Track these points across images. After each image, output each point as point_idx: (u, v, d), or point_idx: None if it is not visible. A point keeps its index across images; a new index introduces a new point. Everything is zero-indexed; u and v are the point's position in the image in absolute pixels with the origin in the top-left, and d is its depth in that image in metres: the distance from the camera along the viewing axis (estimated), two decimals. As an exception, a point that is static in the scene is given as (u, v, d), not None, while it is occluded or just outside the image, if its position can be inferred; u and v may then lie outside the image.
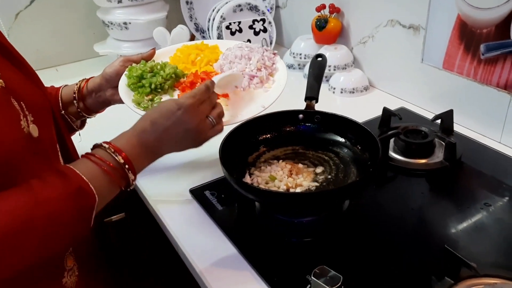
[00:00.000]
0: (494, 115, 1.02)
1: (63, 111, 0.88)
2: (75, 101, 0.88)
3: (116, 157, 0.63)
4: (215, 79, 0.78)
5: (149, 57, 0.94)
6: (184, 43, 1.06)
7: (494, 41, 0.97)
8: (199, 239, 0.79)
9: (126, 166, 0.63)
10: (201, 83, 0.88)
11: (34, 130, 0.63)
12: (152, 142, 0.68)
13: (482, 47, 1.00)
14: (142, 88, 0.88)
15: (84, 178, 0.58)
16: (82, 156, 0.63)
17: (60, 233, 0.56)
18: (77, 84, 0.90)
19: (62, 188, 0.56)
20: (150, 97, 0.88)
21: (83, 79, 0.91)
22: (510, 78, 0.96)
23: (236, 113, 0.86)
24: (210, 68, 0.97)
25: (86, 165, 0.61)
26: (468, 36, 1.02)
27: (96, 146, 0.65)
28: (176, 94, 0.91)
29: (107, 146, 0.63)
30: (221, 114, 0.76)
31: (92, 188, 0.58)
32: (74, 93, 0.88)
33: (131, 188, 0.66)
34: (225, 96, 0.88)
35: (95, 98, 0.90)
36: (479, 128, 1.06)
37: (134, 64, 0.91)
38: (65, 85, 0.91)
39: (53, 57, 1.58)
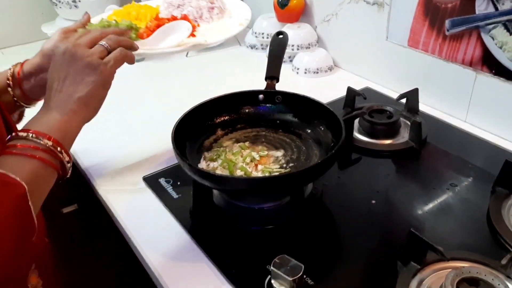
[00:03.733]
0: (459, 93, 1.00)
1: None
2: (9, 88, 0.78)
3: (37, 139, 0.59)
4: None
5: (87, 22, 0.84)
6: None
7: (459, 16, 0.94)
8: (152, 230, 0.74)
9: (43, 138, 0.60)
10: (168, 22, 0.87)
11: None
12: (62, 100, 0.65)
13: (447, 23, 0.97)
14: None
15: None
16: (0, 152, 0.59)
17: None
18: (10, 69, 0.79)
19: None
20: None
21: (17, 63, 0.80)
22: (475, 54, 0.94)
23: (219, 34, 0.86)
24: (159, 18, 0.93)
25: (5, 159, 0.57)
26: (433, 11, 0.99)
27: (12, 139, 0.60)
28: None
29: (26, 134, 0.60)
30: (113, 37, 0.70)
31: (13, 176, 0.53)
32: (8, 79, 0.78)
33: (69, 163, 0.62)
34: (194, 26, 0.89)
35: (36, 81, 0.79)
36: (444, 107, 1.04)
37: (87, 26, 0.82)
38: None
39: (-2, 39, 1.47)
